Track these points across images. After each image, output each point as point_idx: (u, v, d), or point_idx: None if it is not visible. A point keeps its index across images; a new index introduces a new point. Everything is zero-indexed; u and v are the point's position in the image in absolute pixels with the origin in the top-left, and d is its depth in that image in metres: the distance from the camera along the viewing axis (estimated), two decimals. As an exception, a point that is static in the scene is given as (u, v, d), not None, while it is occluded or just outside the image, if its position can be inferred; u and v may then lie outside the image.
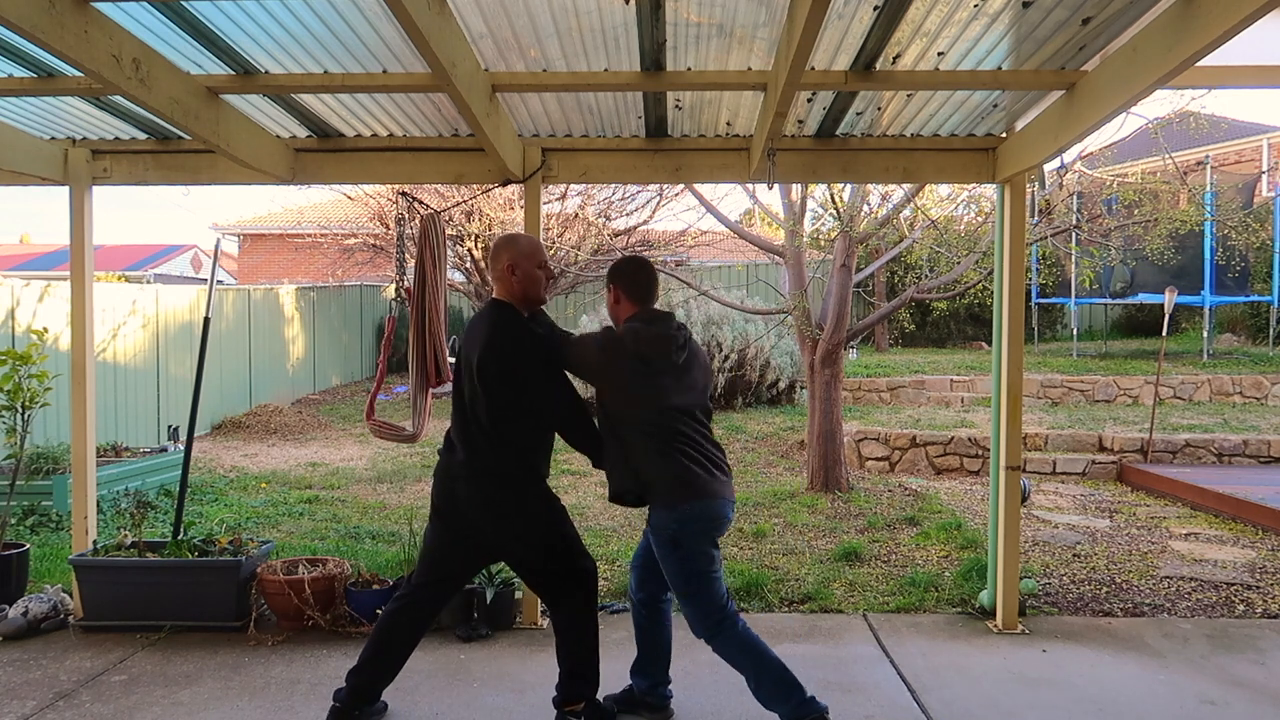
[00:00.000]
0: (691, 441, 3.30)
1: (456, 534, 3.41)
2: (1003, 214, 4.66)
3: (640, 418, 3.27)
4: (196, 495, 7.88)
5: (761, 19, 3.29)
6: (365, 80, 3.81)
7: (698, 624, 3.29)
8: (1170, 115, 7.77)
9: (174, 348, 11.14)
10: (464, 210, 14.39)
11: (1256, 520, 6.68)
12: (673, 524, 3.24)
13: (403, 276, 4.84)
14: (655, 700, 3.61)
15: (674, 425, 3.28)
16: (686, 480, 3.23)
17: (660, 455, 3.25)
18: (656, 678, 3.62)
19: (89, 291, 4.78)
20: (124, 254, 26.00)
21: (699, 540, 3.26)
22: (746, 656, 3.28)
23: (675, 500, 3.23)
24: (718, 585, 3.30)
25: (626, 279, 3.45)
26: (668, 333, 3.35)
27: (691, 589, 3.27)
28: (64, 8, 2.90)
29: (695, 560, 3.26)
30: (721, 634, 3.27)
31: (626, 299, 3.44)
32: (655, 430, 3.26)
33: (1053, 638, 4.52)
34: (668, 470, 3.24)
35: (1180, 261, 11.73)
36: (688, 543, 3.24)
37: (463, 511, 3.34)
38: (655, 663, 3.61)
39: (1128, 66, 3.23)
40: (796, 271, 8.09)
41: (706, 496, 3.24)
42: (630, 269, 3.49)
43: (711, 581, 3.28)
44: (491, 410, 3.24)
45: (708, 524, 3.27)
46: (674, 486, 3.23)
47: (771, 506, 7.34)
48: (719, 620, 3.27)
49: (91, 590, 4.63)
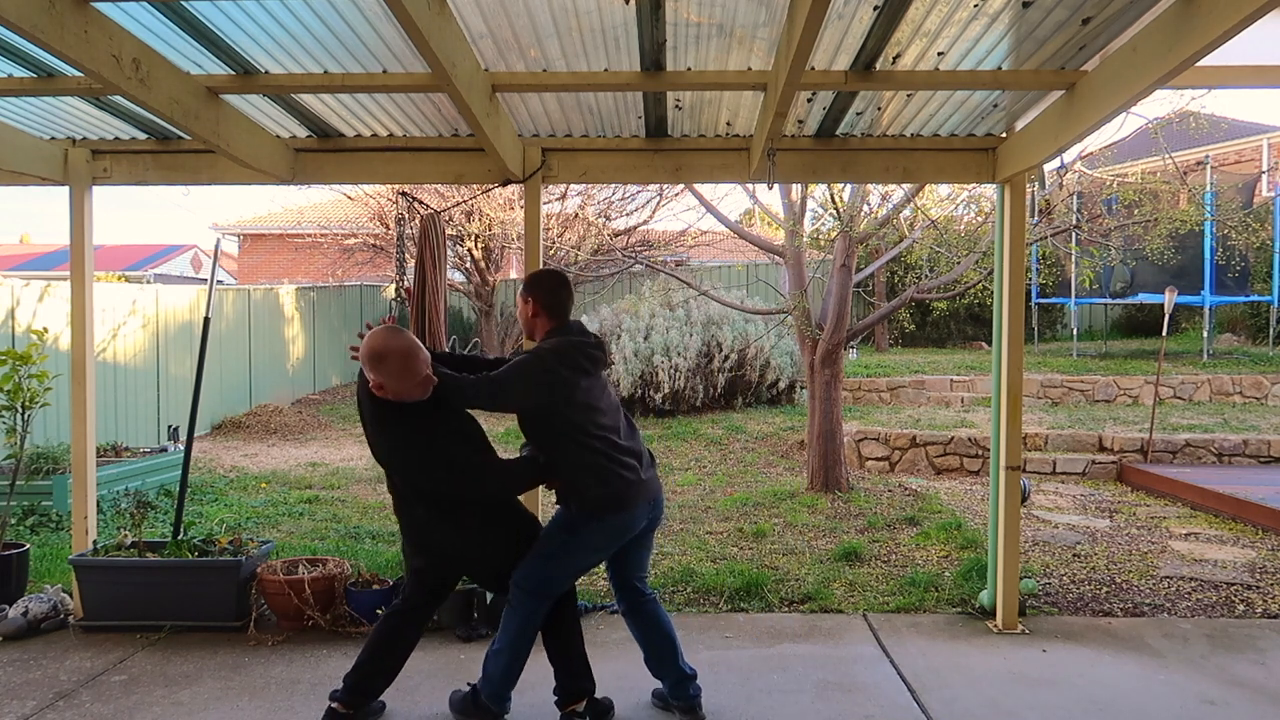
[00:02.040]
0: (622, 451, 3.40)
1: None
2: (1003, 214, 4.66)
3: (586, 429, 3.34)
4: (196, 495, 7.88)
5: (761, 19, 3.29)
6: (365, 80, 3.81)
7: (523, 578, 3.35)
8: (1170, 115, 7.77)
9: (174, 348, 11.14)
10: (464, 210, 14.39)
11: (1256, 520, 6.68)
12: (593, 527, 3.36)
13: (403, 276, 4.85)
14: (683, 702, 3.60)
15: (609, 437, 3.38)
16: (620, 494, 3.34)
17: (599, 466, 3.33)
18: (675, 674, 3.60)
19: (89, 291, 4.79)
20: (124, 254, 25.99)
21: (602, 547, 3.44)
22: (509, 637, 3.38)
23: (605, 512, 3.35)
24: (567, 580, 3.47)
25: (547, 294, 3.52)
26: (600, 348, 3.48)
27: (549, 562, 3.37)
28: (64, 8, 2.90)
29: (579, 553, 3.41)
30: (525, 603, 3.36)
31: (545, 314, 3.51)
32: (592, 442, 3.35)
33: (1053, 638, 4.52)
34: (603, 482, 3.33)
35: (1180, 261, 11.73)
36: (589, 541, 3.39)
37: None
38: (665, 661, 3.60)
39: (1128, 66, 3.23)
40: (796, 271, 8.09)
41: (629, 509, 3.37)
42: (553, 283, 3.55)
43: (568, 573, 3.45)
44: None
45: (622, 534, 3.42)
46: (607, 499, 3.33)
47: (771, 506, 7.34)
48: (537, 596, 3.37)
49: (91, 590, 4.63)
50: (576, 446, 3.33)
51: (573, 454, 3.34)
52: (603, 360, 3.49)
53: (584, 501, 3.35)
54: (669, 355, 11.56)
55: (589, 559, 3.51)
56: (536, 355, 3.35)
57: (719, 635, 4.56)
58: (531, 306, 3.52)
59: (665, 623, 3.62)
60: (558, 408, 3.31)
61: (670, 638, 3.61)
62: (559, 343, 3.39)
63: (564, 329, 3.49)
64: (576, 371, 3.33)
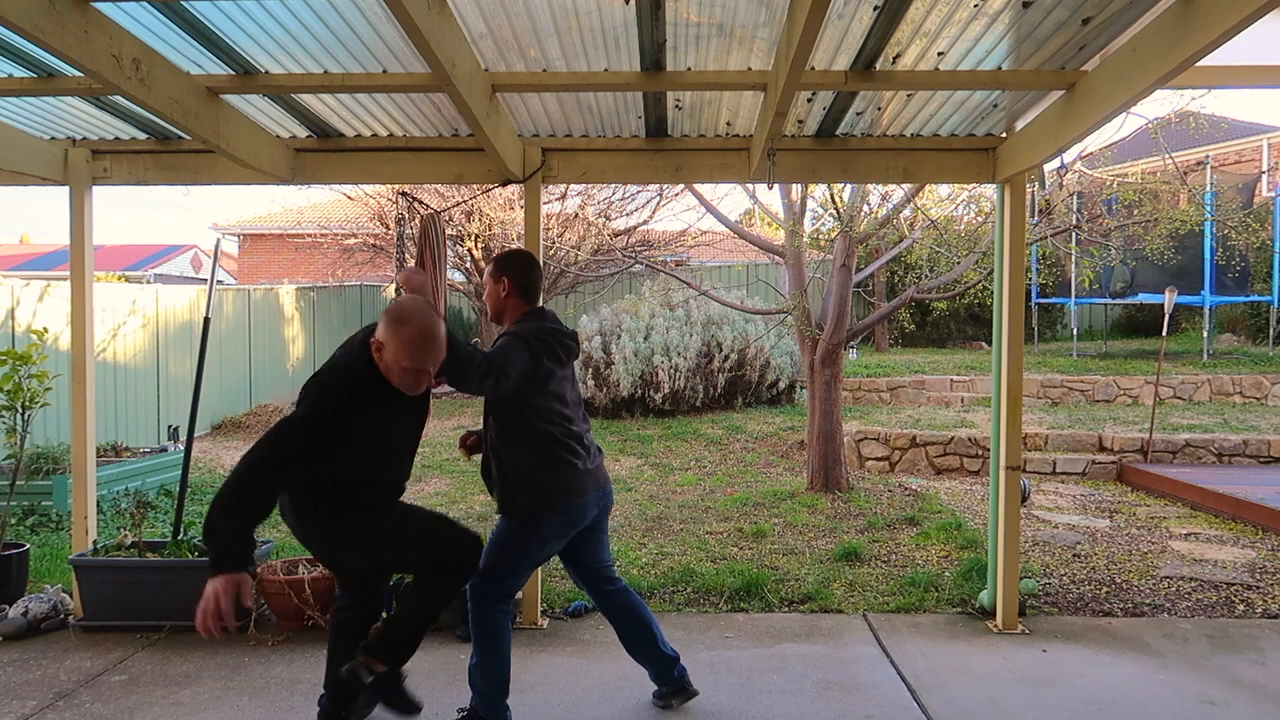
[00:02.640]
0: (580, 443, 3.38)
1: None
2: (1003, 214, 4.66)
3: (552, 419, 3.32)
4: (197, 495, 7.88)
5: (761, 19, 3.29)
6: (365, 80, 3.81)
7: (484, 584, 3.31)
8: (1170, 115, 7.77)
9: (174, 348, 11.14)
10: (464, 210, 14.40)
11: (1256, 520, 6.68)
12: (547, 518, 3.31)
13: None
14: (671, 685, 3.62)
15: (571, 428, 3.36)
16: (573, 483, 3.32)
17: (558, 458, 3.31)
18: (658, 661, 3.61)
19: (89, 291, 4.78)
20: (124, 254, 25.98)
21: (558, 535, 3.39)
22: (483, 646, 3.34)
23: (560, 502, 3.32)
24: (526, 577, 3.47)
25: (523, 273, 3.43)
26: (574, 339, 3.45)
27: (507, 563, 3.34)
28: (64, 8, 2.90)
29: (536, 548, 3.37)
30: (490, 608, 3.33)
31: (518, 296, 3.42)
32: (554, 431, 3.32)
33: (1053, 638, 4.52)
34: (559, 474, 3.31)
35: (1180, 261, 11.72)
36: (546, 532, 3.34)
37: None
38: (646, 647, 3.59)
39: (1128, 66, 3.23)
40: (796, 271, 8.09)
41: (581, 496, 3.35)
42: (526, 262, 3.48)
43: (527, 570, 3.44)
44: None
45: (575, 523, 3.39)
46: (561, 489, 3.30)
47: (771, 506, 7.34)
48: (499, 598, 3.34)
49: (91, 590, 4.63)
50: (537, 436, 3.27)
51: (533, 444, 3.28)
52: (575, 352, 3.45)
53: (536, 493, 3.28)
54: (669, 355, 11.56)
55: (545, 551, 3.44)
56: (519, 338, 3.25)
57: (719, 635, 4.56)
58: (505, 286, 3.40)
59: (640, 607, 3.58)
60: (527, 395, 3.24)
61: (647, 622, 3.57)
62: (536, 328, 3.31)
63: (538, 313, 3.41)
64: (553, 360, 3.29)
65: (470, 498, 7.86)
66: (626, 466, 9.17)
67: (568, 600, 4.99)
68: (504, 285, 3.41)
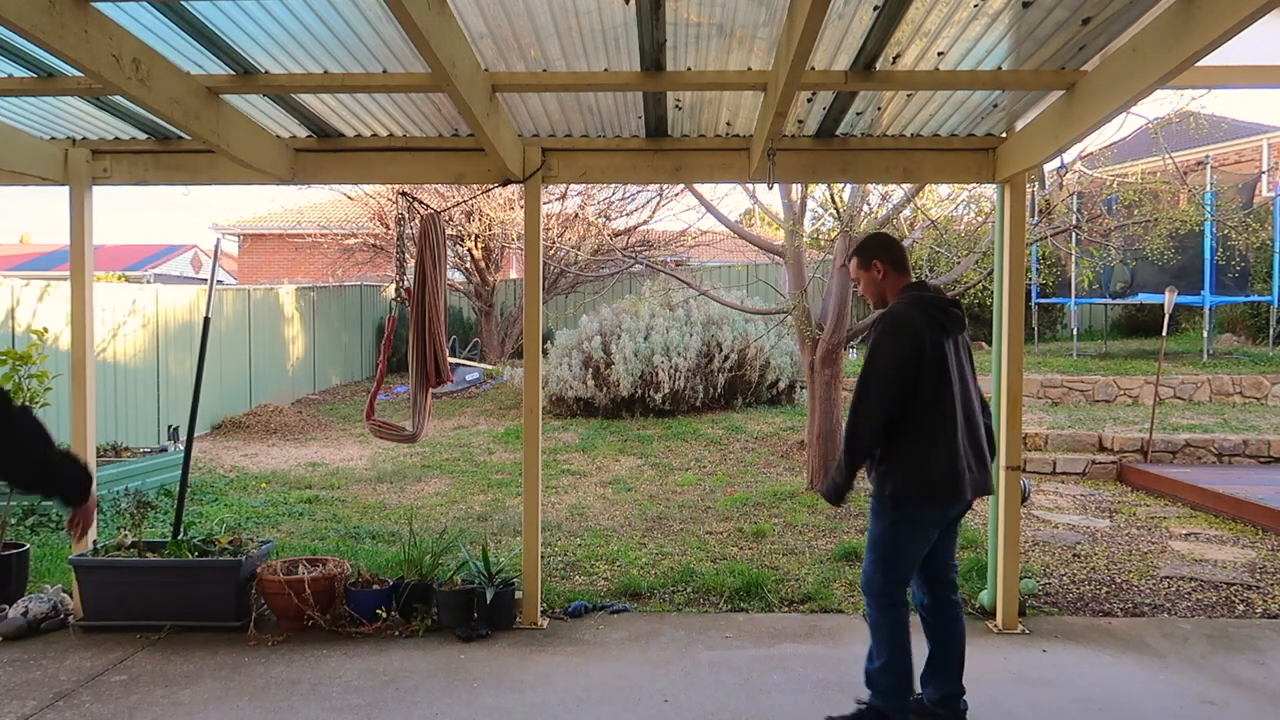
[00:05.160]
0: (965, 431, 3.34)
1: None
2: (1003, 214, 4.66)
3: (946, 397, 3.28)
4: (196, 495, 7.88)
5: (761, 19, 3.29)
6: (365, 80, 3.81)
7: (871, 587, 3.36)
8: (1170, 115, 7.77)
9: (174, 348, 11.14)
10: (464, 210, 14.40)
11: (1256, 520, 6.68)
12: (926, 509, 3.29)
13: (403, 276, 4.84)
14: (948, 712, 3.48)
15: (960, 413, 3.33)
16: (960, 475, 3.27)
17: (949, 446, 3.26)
18: (948, 687, 3.49)
19: (89, 291, 4.78)
20: (124, 254, 26.00)
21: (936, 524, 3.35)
22: (885, 650, 3.34)
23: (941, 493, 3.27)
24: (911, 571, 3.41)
25: (888, 252, 3.49)
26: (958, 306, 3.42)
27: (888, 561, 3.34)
28: (64, 8, 2.90)
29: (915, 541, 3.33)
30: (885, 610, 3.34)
31: (892, 271, 3.47)
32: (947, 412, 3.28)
33: (1053, 638, 4.52)
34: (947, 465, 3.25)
35: (1180, 261, 11.71)
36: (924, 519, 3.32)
37: None
38: (945, 670, 3.50)
39: (1128, 66, 3.23)
40: (796, 271, 8.09)
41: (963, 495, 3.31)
42: (885, 242, 3.54)
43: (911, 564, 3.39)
44: None
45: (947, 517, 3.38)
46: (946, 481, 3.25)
47: (771, 506, 7.34)
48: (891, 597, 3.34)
49: (91, 590, 4.63)
50: (936, 416, 3.24)
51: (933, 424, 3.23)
52: (960, 321, 3.40)
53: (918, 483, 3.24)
54: (669, 355, 11.56)
55: (925, 544, 3.36)
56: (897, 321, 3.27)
57: (719, 635, 4.56)
58: (879, 269, 3.47)
59: (961, 633, 3.50)
60: (924, 374, 3.21)
61: (962, 648, 3.49)
62: (916, 299, 3.34)
63: (918, 285, 3.46)
64: (936, 329, 3.28)
65: (470, 498, 7.86)
66: (626, 466, 9.18)
67: (568, 600, 4.99)
68: (877, 268, 3.47)
